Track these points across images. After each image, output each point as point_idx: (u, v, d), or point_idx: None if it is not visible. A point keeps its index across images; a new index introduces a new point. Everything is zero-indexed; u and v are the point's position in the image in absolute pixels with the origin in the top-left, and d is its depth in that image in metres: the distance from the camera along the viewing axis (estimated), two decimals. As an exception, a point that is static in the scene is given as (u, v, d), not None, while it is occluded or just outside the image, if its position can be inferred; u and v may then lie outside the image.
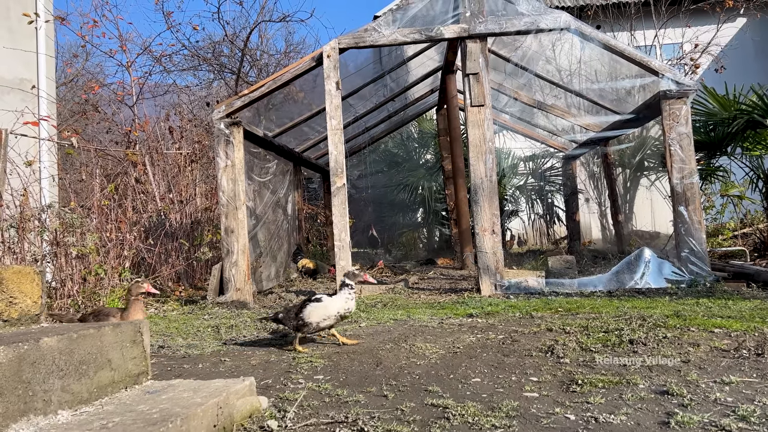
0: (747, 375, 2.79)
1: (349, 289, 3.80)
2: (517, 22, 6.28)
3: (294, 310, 3.84)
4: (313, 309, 3.74)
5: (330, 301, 3.77)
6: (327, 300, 3.77)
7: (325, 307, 3.74)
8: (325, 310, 3.73)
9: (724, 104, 7.65)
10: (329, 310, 3.74)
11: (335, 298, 3.79)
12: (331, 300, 3.78)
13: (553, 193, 13.02)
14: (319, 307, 3.74)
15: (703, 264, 5.91)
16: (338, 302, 3.77)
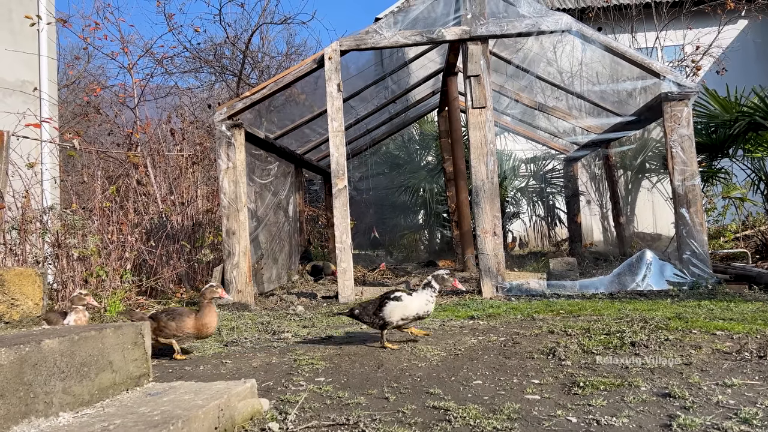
0: (749, 377, 2.79)
1: (432, 290, 3.71)
2: (519, 24, 6.28)
3: (371, 306, 3.75)
4: (393, 307, 3.66)
5: (410, 300, 3.68)
6: (407, 299, 3.68)
7: (404, 306, 3.66)
8: (405, 309, 3.66)
9: (726, 106, 7.65)
10: (408, 309, 3.66)
11: (415, 297, 3.70)
12: (410, 299, 3.69)
13: (554, 195, 13.02)
14: (399, 306, 3.66)
15: (704, 266, 5.90)
16: (418, 302, 3.68)
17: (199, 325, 3.76)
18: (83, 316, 3.87)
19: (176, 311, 3.84)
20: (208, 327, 3.79)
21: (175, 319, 3.76)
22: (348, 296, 6.16)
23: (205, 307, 3.80)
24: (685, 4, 13.22)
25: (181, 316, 3.77)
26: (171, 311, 3.86)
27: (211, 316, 3.81)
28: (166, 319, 3.76)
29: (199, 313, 3.81)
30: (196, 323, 3.76)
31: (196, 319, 3.77)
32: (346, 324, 4.85)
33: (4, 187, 5.78)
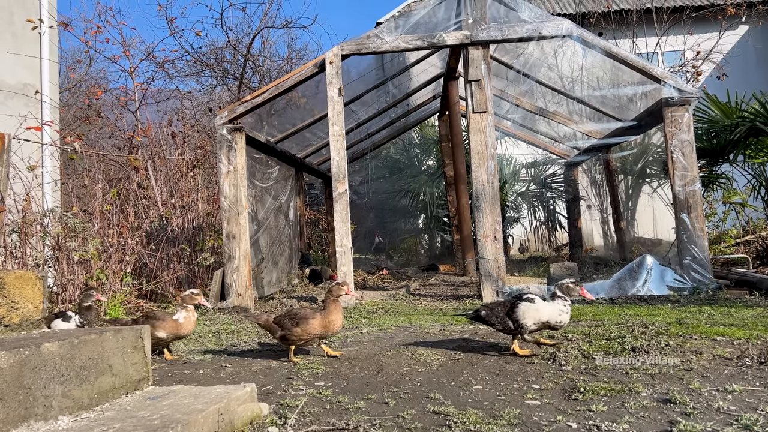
0: (750, 384, 2.78)
1: (563, 301, 3.42)
2: (520, 29, 6.29)
3: (501, 309, 3.54)
4: (526, 309, 3.41)
5: (543, 305, 3.42)
6: (540, 303, 3.43)
7: (537, 309, 3.40)
8: (537, 313, 3.40)
9: (726, 112, 7.65)
10: (540, 313, 3.40)
11: (548, 304, 3.44)
12: (543, 303, 3.43)
13: (554, 200, 13.02)
14: (532, 309, 3.41)
15: (705, 271, 5.89)
16: (551, 309, 3.42)
17: (326, 323, 3.63)
18: (192, 315, 3.83)
19: (299, 314, 3.69)
20: (334, 324, 3.66)
21: (299, 323, 3.62)
22: (348, 300, 6.15)
23: (330, 305, 3.67)
24: (685, 10, 13.26)
25: (304, 318, 3.63)
26: (294, 315, 3.72)
27: (337, 313, 3.68)
28: (288, 322, 3.65)
29: (324, 311, 3.67)
30: (323, 322, 3.62)
31: (322, 318, 3.63)
32: (346, 328, 4.84)
33: (5, 189, 5.78)
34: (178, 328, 3.80)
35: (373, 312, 5.65)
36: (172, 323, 3.79)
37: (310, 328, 3.60)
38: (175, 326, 3.79)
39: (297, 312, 3.71)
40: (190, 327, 3.86)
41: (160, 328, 3.74)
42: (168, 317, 3.82)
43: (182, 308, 3.86)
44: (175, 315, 3.83)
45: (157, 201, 8.45)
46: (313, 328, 3.60)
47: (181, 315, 3.82)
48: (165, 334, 3.77)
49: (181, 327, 3.81)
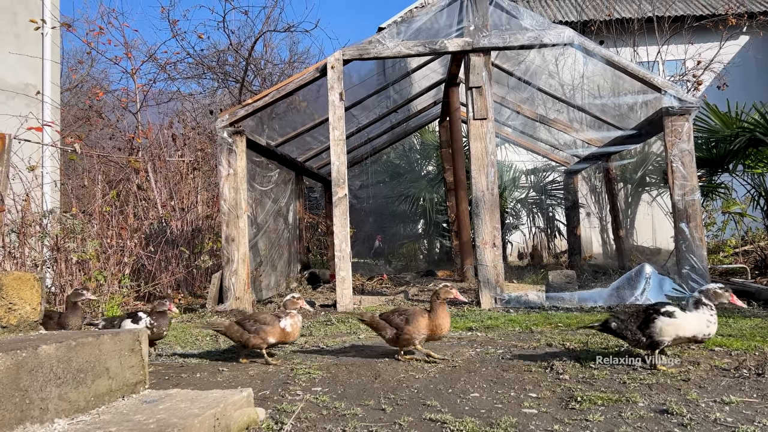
0: (747, 395, 2.78)
1: (710, 309, 3.17)
2: (521, 36, 6.31)
3: (633, 321, 3.29)
4: (665, 325, 3.16)
5: (685, 319, 3.17)
6: (681, 316, 3.17)
7: (678, 325, 3.16)
8: (678, 330, 3.16)
9: (726, 121, 7.67)
10: (683, 328, 3.16)
11: (691, 315, 3.18)
12: (685, 316, 3.18)
13: (554, 207, 13.02)
14: (672, 325, 3.16)
15: (703, 281, 5.89)
16: (696, 321, 3.16)
17: (433, 326, 3.56)
18: (297, 321, 3.75)
19: (408, 311, 3.60)
20: (441, 328, 3.58)
21: (409, 321, 3.56)
22: (346, 305, 6.15)
23: (438, 307, 3.58)
24: (686, 19, 13.30)
25: (414, 317, 3.55)
26: (403, 312, 3.62)
27: (445, 317, 3.59)
28: (400, 322, 3.57)
29: (432, 313, 3.58)
30: (430, 324, 3.55)
31: (429, 320, 3.56)
32: (343, 333, 4.84)
33: (5, 190, 5.78)
34: (285, 336, 3.71)
35: (371, 317, 5.64)
36: (280, 331, 3.69)
37: (419, 326, 3.53)
38: (282, 334, 3.70)
39: (406, 309, 3.64)
40: (296, 334, 3.78)
41: (270, 334, 3.66)
42: (276, 322, 3.70)
43: (286, 315, 3.73)
44: (281, 321, 3.71)
45: (157, 203, 8.45)
46: (421, 327, 3.53)
47: (288, 322, 3.70)
48: (274, 340, 3.70)
49: (288, 335, 3.72)
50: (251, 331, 3.69)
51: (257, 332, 3.67)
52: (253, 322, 3.73)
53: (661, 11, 13.75)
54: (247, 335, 3.70)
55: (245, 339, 3.72)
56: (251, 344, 3.71)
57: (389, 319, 3.65)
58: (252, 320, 3.76)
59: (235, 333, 3.77)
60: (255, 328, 3.69)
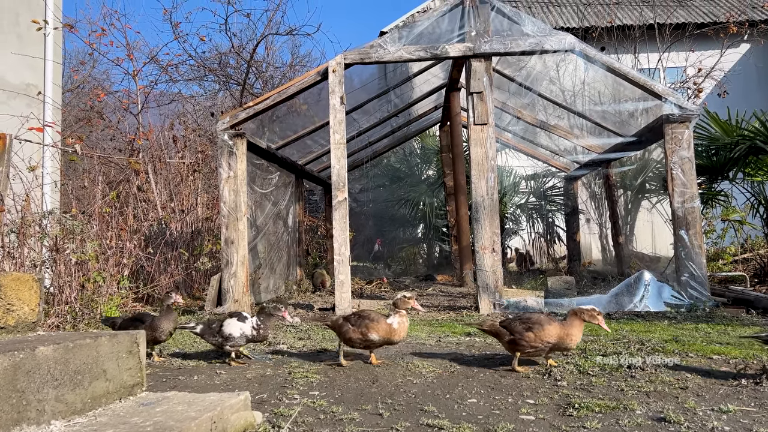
0: (745, 404, 2.77)
1: None
2: (522, 42, 6.32)
3: None
4: None
5: None
6: None
7: None
8: None
9: (727, 129, 7.67)
10: None
11: None
12: None
13: (554, 213, 13.02)
14: None
15: (702, 289, 5.89)
16: None
17: (563, 335, 3.38)
18: (406, 321, 3.64)
19: (532, 319, 3.44)
20: (572, 338, 3.39)
21: (533, 328, 3.39)
22: (345, 309, 6.14)
23: (575, 320, 3.42)
24: (688, 27, 13.32)
25: (540, 325, 3.39)
26: (526, 319, 3.45)
27: (579, 330, 3.40)
28: (521, 329, 3.41)
29: (566, 322, 3.43)
30: (560, 332, 3.38)
31: (561, 328, 3.39)
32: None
33: (5, 190, 5.78)
34: (392, 333, 3.60)
35: (370, 321, 5.64)
36: (386, 327, 3.59)
37: (544, 335, 3.38)
38: (388, 330, 3.59)
39: (530, 316, 3.48)
40: (403, 333, 3.65)
41: (373, 330, 3.58)
42: (382, 319, 3.62)
43: (395, 312, 3.63)
44: (389, 318, 3.61)
45: (157, 204, 8.45)
46: (547, 335, 3.37)
47: (395, 320, 3.61)
48: (377, 337, 3.60)
49: (395, 332, 3.61)
50: (353, 325, 3.63)
51: (359, 326, 3.61)
52: (358, 317, 3.66)
53: (663, 18, 13.78)
54: (347, 327, 3.64)
55: (343, 331, 3.66)
56: (347, 337, 3.65)
57: (510, 325, 3.49)
58: (357, 316, 3.69)
59: (341, 327, 3.70)
60: (359, 323, 3.62)
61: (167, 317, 3.93)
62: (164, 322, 3.90)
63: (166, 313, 3.94)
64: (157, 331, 3.86)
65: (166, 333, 3.92)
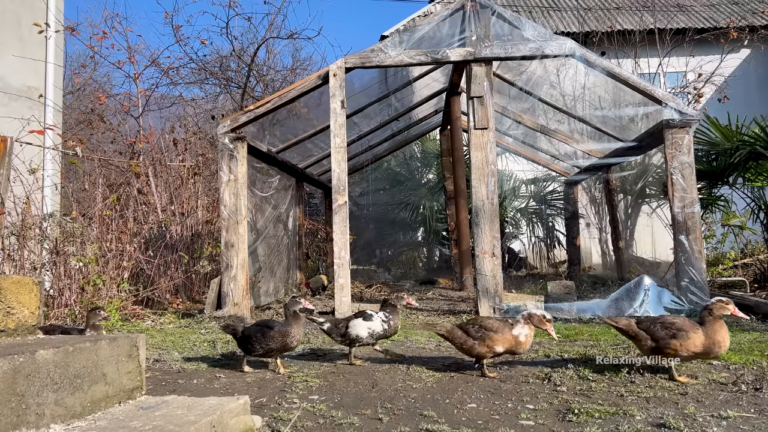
0: (745, 410, 2.77)
1: None
2: (523, 47, 6.33)
3: None
4: None
5: None
6: None
7: None
8: None
9: (727, 135, 7.68)
10: None
11: None
12: None
13: (554, 217, 13.03)
14: None
15: (702, 294, 5.89)
16: None
17: (709, 344, 3.21)
18: (531, 332, 3.48)
19: (675, 324, 3.25)
20: (720, 345, 3.21)
21: (676, 335, 3.22)
22: (344, 312, 6.13)
23: (714, 323, 3.23)
24: (688, 32, 13.35)
25: (684, 332, 3.21)
26: (670, 324, 3.28)
27: (724, 333, 3.21)
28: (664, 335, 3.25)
29: (707, 327, 3.23)
30: (705, 340, 3.21)
31: (704, 335, 3.21)
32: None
33: (5, 192, 5.78)
34: (517, 345, 3.45)
35: (370, 325, 5.63)
36: (511, 339, 3.43)
37: (689, 344, 3.21)
38: (513, 342, 3.44)
39: (674, 322, 3.31)
40: (527, 346, 3.51)
41: (497, 342, 3.43)
42: (506, 329, 3.45)
43: (525, 323, 3.47)
44: (514, 329, 3.45)
45: (157, 207, 8.45)
46: (692, 344, 3.21)
47: (523, 331, 3.45)
48: (501, 348, 3.44)
49: (520, 344, 3.45)
50: (476, 338, 3.47)
51: (482, 339, 3.45)
52: (479, 327, 3.50)
53: (663, 23, 13.80)
54: (471, 342, 3.48)
55: (469, 346, 3.49)
56: (475, 353, 3.50)
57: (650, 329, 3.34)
58: (477, 326, 3.53)
59: (458, 338, 3.55)
60: (480, 335, 3.46)
61: (297, 323, 3.67)
62: (295, 328, 3.65)
63: (295, 319, 3.68)
64: (288, 337, 3.61)
65: (297, 339, 3.67)
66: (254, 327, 3.73)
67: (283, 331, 3.62)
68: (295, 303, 3.74)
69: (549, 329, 3.44)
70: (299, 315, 3.72)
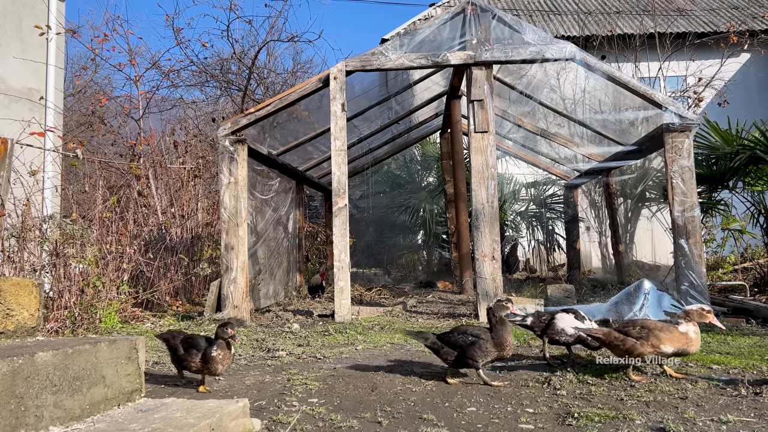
0: (745, 414, 2.77)
1: None
2: (523, 51, 6.34)
3: None
4: None
5: None
6: None
7: None
8: None
9: (727, 139, 7.68)
10: None
11: None
12: None
13: (553, 221, 13.03)
14: None
15: (702, 298, 5.88)
16: None
17: None
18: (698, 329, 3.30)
19: None
20: None
21: None
22: (344, 315, 6.14)
23: None
24: (688, 36, 13.36)
25: None
26: None
27: None
28: None
29: None
30: None
31: None
32: (341, 344, 4.83)
33: (6, 194, 5.78)
34: (687, 344, 3.26)
35: (369, 328, 5.64)
36: (680, 336, 3.25)
37: None
38: (683, 341, 3.25)
39: None
40: (697, 346, 3.31)
41: (667, 342, 3.24)
42: (674, 328, 3.28)
43: (689, 321, 3.30)
44: (680, 326, 3.29)
45: (157, 210, 8.45)
46: None
47: (690, 328, 3.27)
48: (671, 349, 3.25)
49: (691, 343, 3.27)
50: (638, 338, 3.30)
51: (646, 338, 3.26)
52: (640, 328, 3.33)
53: (663, 28, 13.83)
54: (632, 342, 3.30)
55: (629, 346, 3.30)
56: (637, 353, 3.29)
57: None
58: (638, 326, 3.37)
59: (616, 340, 3.36)
60: (643, 335, 3.29)
61: (505, 329, 3.39)
62: (507, 335, 3.36)
63: (503, 325, 3.39)
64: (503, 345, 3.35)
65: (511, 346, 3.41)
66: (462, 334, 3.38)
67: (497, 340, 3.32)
68: (502, 308, 3.42)
69: (712, 320, 3.30)
70: (505, 320, 3.40)
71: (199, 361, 3.30)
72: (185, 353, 3.38)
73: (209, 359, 3.28)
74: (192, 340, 3.43)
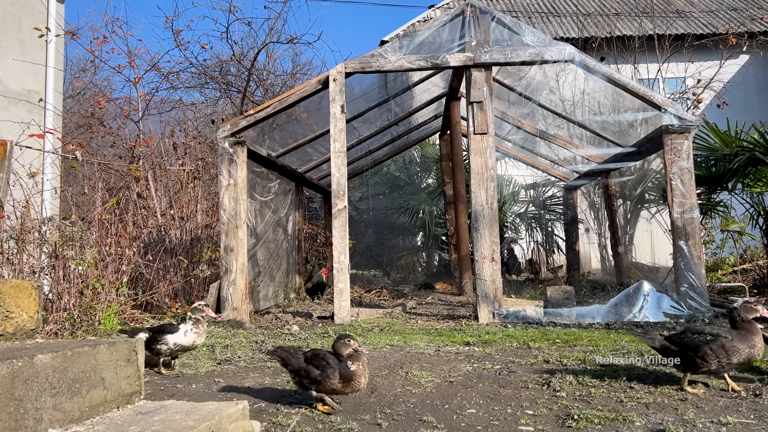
0: (744, 416, 2.77)
1: None
2: (522, 52, 6.35)
3: None
4: None
5: None
6: None
7: None
8: None
9: (726, 140, 7.69)
10: None
11: None
12: None
13: (553, 222, 13.03)
14: None
15: (702, 299, 5.89)
16: None
17: None
18: None
19: None
20: None
21: None
22: (344, 317, 6.13)
23: None
24: (687, 38, 13.38)
25: None
26: None
27: None
28: None
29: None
30: None
31: None
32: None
33: (5, 196, 5.78)
34: None
35: (369, 330, 5.63)
36: None
37: None
38: None
39: None
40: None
41: None
42: None
43: None
44: None
45: (156, 211, 8.45)
46: None
47: None
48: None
49: None
50: None
51: None
52: None
53: (662, 29, 13.84)
54: None
55: None
56: None
57: None
58: None
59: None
60: None
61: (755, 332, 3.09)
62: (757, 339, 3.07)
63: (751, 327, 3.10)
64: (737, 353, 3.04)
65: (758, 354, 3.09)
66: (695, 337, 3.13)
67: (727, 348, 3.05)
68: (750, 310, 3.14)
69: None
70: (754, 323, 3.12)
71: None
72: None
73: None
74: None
